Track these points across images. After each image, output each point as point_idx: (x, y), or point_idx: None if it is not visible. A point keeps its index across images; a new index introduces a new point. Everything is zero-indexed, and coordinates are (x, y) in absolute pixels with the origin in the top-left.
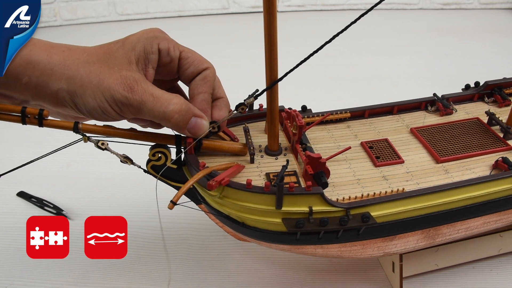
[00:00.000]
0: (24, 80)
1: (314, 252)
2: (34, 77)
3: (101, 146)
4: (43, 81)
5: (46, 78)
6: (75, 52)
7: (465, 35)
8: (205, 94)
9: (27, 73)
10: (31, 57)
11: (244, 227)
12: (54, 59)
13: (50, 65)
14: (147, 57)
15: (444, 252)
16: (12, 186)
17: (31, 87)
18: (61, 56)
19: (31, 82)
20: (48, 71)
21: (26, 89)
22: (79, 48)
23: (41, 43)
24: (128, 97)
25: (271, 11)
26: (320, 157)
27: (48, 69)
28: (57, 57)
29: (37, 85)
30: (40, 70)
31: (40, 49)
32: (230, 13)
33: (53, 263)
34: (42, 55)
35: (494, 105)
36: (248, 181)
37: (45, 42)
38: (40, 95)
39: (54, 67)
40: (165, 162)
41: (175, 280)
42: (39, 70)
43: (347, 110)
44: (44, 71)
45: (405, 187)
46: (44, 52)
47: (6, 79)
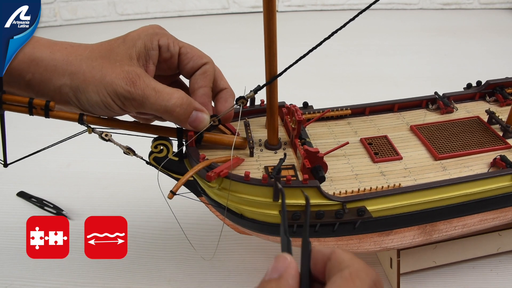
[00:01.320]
0: (27, 77)
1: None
2: (37, 73)
3: (104, 138)
4: (47, 77)
5: (49, 74)
6: (78, 48)
7: (465, 35)
8: (205, 88)
9: (30, 70)
10: (34, 54)
11: (242, 219)
12: (57, 55)
13: (53, 62)
14: (148, 53)
15: (442, 250)
16: (12, 186)
17: (35, 84)
18: (64, 52)
19: (34, 79)
20: (52, 68)
21: (30, 86)
22: (81, 45)
23: (44, 40)
24: (131, 91)
25: (270, 8)
26: (318, 152)
27: (51, 65)
28: (60, 54)
29: (41, 82)
30: (43, 67)
31: (43, 46)
32: (230, 13)
33: (53, 263)
34: (45, 52)
35: (496, 104)
36: (246, 173)
37: (48, 39)
38: (43, 91)
39: (57, 64)
40: (167, 154)
41: (175, 280)
42: (42, 66)
43: (348, 107)
44: (48, 67)
45: (402, 183)
46: (47, 49)
47: (10, 77)
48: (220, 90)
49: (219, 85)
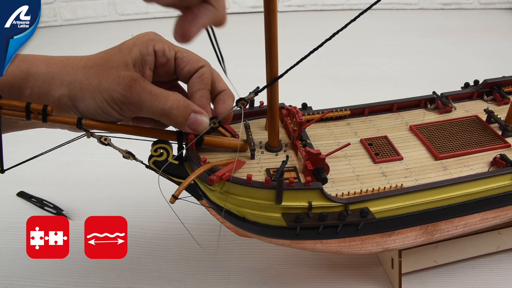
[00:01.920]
0: (27, 93)
1: (314, 247)
2: (36, 87)
3: (104, 142)
4: (45, 90)
5: (47, 86)
6: (73, 60)
7: (465, 35)
8: (203, 91)
9: (29, 85)
10: (31, 70)
11: (244, 222)
12: (53, 68)
13: (50, 74)
14: (144, 58)
15: (443, 249)
16: (12, 186)
17: (34, 98)
18: (59, 65)
19: (34, 93)
20: (49, 80)
21: (30, 101)
22: (76, 57)
23: (39, 56)
24: (127, 95)
25: (271, 9)
26: (320, 153)
27: (48, 78)
28: (56, 66)
29: (40, 95)
30: (41, 80)
31: (39, 61)
32: (230, 13)
33: (53, 263)
34: (41, 66)
35: (493, 103)
36: (248, 176)
37: (43, 55)
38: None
39: (54, 76)
40: (167, 158)
41: (175, 280)
42: (40, 80)
43: (347, 108)
44: (45, 80)
45: (403, 183)
46: (43, 63)
47: (10, 94)
48: (218, 92)
49: (217, 87)
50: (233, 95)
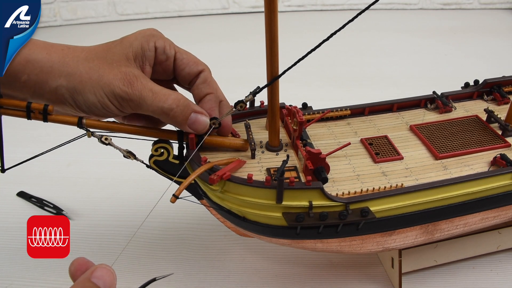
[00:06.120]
0: (23, 79)
1: (314, 246)
2: (33, 75)
3: (104, 141)
4: (42, 78)
5: (45, 75)
6: (74, 50)
7: (465, 35)
8: (211, 95)
9: (26, 71)
10: (30, 56)
11: (245, 222)
12: (53, 57)
13: (49, 63)
14: (144, 53)
15: (443, 248)
16: (12, 186)
17: (30, 85)
18: (60, 54)
19: (30, 80)
20: (47, 69)
21: (25, 87)
22: (78, 47)
23: (40, 42)
24: (128, 92)
25: (272, 8)
26: (320, 153)
27: (47, 66)
28: (56, 55)
29: (36, 83)
30: (39, 68)
31: (39, 48)
32: (230, 13)
33: (53, 263)
34: (41, 53)
35: (493, 103)
36: (249, 175)
37: (44, 41)
38: (39, 93)
39: (53, 65)
40: (168, 157)
41: (175, 280)
42: (38, 68)
43: (347, 108)
44: (43, 68)
45: (404, 182)
46: (43, 50)
47: (5, 78)
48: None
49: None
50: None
